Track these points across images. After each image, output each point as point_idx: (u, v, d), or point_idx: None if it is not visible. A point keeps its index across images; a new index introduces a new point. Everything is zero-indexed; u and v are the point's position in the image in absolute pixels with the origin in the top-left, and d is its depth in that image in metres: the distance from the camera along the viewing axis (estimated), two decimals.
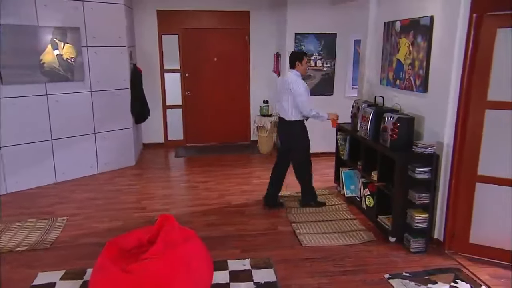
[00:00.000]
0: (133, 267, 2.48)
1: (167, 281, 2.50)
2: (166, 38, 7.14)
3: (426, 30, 3.57)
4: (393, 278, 3.10)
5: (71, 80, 5.34)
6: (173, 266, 2.55)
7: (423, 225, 3.48)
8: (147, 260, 2.51)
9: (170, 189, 5.39)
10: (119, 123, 5.98)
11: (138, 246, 2.83)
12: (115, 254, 2.70)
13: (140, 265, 2.48)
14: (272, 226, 4.14)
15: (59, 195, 5.00)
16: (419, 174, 3.38)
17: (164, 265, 2.52)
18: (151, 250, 2.57)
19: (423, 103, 3.73)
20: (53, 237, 3.79)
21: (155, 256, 2.53)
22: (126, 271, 2.45)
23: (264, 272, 3.19)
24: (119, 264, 2.55)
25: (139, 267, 2.47)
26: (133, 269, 2.46)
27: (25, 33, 4.84)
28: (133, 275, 2.43)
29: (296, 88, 4.22)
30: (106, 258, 2.62)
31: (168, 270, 2.51)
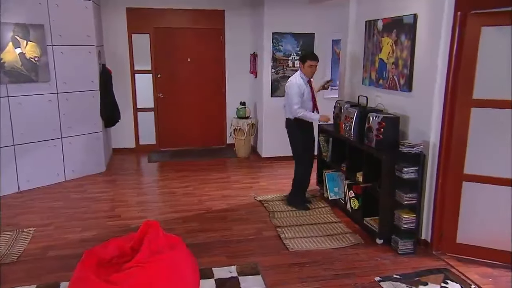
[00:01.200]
0: (117, 276, 2.40)
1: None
2: (136, 37, 7.02)
3: (410, 29, 3.67)
4: (384, 280, 3.15)
5: (35, 81, 5.15)
6: (159, 274, 2.48)
7: (411, 226, 3.55)
8: (131, 269, 2.44)
9: (145, 195, 5.27)
10: (88, 127, 5.81)
11: (119, 255, 2.73)
12: (95, 264, 2.60)
13: (124, 274, 2.40)
14: (257, 232, 4.12)
15: (23, 205, 4.79)
16: (406, 174, 3.45)
17: (150, 274, 2.45)
18: (136, 258, 2.50)
19: (407, 103, 3.82)
20: (20, 249, 3.62)
21: (140, 264, 2.46)
22: (110, 282, 2.36)
23: (252, 279, 3.16)
24: (100, 275, 2.45)
25: (124, 276, 2.39)
26: (117, 279, 2.38)
27: None
28: (118, 286, 2.35)
29: (288, 89, 4.56)
30: (86, 269, 2.52)
31: (154, 279, 2.44)
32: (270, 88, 6.59)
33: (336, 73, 6.78)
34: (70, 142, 5.63)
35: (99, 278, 2.40)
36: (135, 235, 2.75)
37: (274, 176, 5.98)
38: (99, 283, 2.37)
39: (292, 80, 4.51)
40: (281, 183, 5.60)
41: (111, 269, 2.59)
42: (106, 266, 2.64)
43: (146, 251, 2.56)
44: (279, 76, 6.58)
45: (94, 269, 2.56)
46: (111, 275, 2.44)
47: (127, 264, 2.50)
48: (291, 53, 6.55)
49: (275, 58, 6.51)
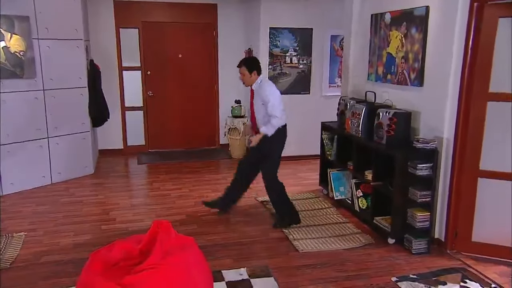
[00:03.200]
0: (130, 279, 2.34)
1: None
2: (124, 32, 6.94)
3: (421, 21, 3.72)
4: (401, 281, 3.17)
5: (20, 77, 5.04)
6: (173, 277, 2.44)
7: (425, 225, 3.59)
8: (144, 271, 2.38)
9: (138, 198, 5.21)
10: (76, 126, 5.71)
11: (126, 258, 2.67)
12: (101, 268, 2.54)
13: (137, 277, 2.35)
14: (262, 233, 4.10)
15: (8, 209, 4.67)
16: (420, 170, 3.48)
17: (164, 276, 2.40)
18: (148, 260, 2.44)
19: (418, 97, 3.86)
20: (12, 255, 3.52)
21: (154, 266, 2.41)
22: (122, 285, 2.31)
23: (264, 281, 3.15)
24: (109, 278, 2.39)
25: (137, 279, 2.34)
26: (130, 281, 2.33)
27: None
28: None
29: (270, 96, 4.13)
30: (93, 273, 2.46)
31: (168, 281, 2.40)
32: None
33: (334, 70, 6.85)
34: (57, 142, 5.52)
35: (110, 282, 2.35)
36: (145, 236, 2.69)
37: None
38: (112, 286, 2.31)
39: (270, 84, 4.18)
40: None
41: (119, 272, 2.52)
42: (113, 269, 2.58)
43: (159, 253, 2.51)
44: (276, 73, 6.59)
45: (101, 273, 2.50)
46: (122, 278, 2.38)
47: (139, 267, 2.44)
48: (289, 49, 6.58)
49: (272, 54, 6.52)
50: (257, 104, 4.20)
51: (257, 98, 4.17)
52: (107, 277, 2.43)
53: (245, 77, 4.16)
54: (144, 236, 2.74)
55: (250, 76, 4.14)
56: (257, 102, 4.19)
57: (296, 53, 6.63)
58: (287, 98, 6.58)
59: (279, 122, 4.04)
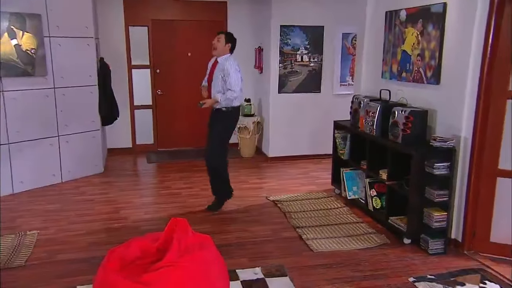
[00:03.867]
0: (148, 277, 2.36)
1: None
2: (133, 30, 6.97)
3: (438, 18, 3.70)
4: (419, 281, 3.16)
5: (31, 74, 5.07)
6: (191, 274, 2.45)
7: (442, 225, 3.57)
8: (163, 268, 2.40)
9: (149, 197, 5.23)
10: (85, 124, 5.74)
11: (143, 256, 2.68)
12: (118, 266, 2.55)
13: (156, 275, 2.36)
14: (275, 233, 4.10)
15: (19, 207, 4.71)
16: (437, 170, 3.47)
17: (182, 274, 2.42)
18: (166, 257, 2.45)
19: (435, 96, 3.84)
20: (26, 253, 3.54)
21: (172, 264, 2.42)
22: (141, 283, 2.32)
23: (279, 281, 3.15)
24: (127, 276, 2.40)
25: (156, 276, 2.35)
26: (149, 279, 2.34)
27: None
28: (150, 286, 2.31)
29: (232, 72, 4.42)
30: (111, 271, 2.47)
31: (187, 279, 2.41)
32: (278, 84, 6.58)
33: (346, 68, 6.83)
34: (67, 140, 5.55)
35: (128, 279, 2.36)
36: (162, 234, 2.70)
37: (283, 176, 5.97)
38: (130, 284, 2.32)
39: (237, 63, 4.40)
40: (293, 183, 5.61)
41: (136, 270, 2.54)
42: (130, 267, 2.59)
43: (176, 251, 2.52)
44: (287, 71, 6.58)
45: (118, 270, 2.51)
46: (140, 276, 2.39)
47: (157, 264, 2.45)
48: (300, 47, 6.56)
49: (283, 52, 6.51)
50: (217, 75, 4.35)
51: (219, 72, 4.34)
52: (125, 275, 2.44)
53: (219, 43, 4.35)
54: (161, 234, 2.75)
55: (223, 45, 4.36)
56: (217, 75, 4.34)
57: (307, 51, 6.62)
58: (298, 97, 6.66)
59: (233, 96, 4.28)
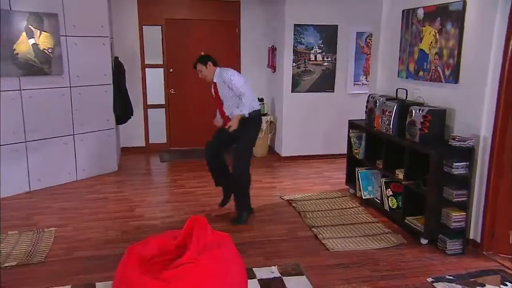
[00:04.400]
0: (168, 274, 2.37)
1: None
2: (147, 29, 7.02)
3: (458, 16, 3.67)
4: (438, 281, 3.13)
5: (48, 73, 5.12)
6: (211, 272, 2.47)
7: (460, 225, 3.54)
8: (183, 265, 2.41)
9: (164, 195, 5.26)
10: (100, 123, 5.79)
11: (161, 253, 2.70)
12: (137, 263, 2.57)
13: (176, 272, 2.38)
14: (290, 232, 4.10)
15: (36, 205, 4.76)
16: (456, 169, 3.44)
17: (201, 271, 2.43)
18: (186, 255, 2.47)
19: (453, 95, 3.81)
20: (45, 250, 3.59)
21: (192, 261, 2.43)
22: (162, 279, 2.34)
23: (296, 280, 3.15)
24: (147, 273, 2.42)
25: (176, 273, 2.37)
26: (169, 276, 2.36)
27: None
28: (171, 283, 2.32)
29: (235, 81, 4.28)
30: (131, 268, 2.49)
31: (207, 276, 2.43)
32: (291, 83, 6.58)
33: (359, 67, 6.81)
34: (81, 139, 5.60)
35: (148, 276, 2.38)
36: (181, 232, 2.72)
37: (297, 176, 5.96)
38: (151, 281, 2.34)
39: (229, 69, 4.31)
40: (306, 183, 5.61)
41: (155, 267, 2.56)
42: (149, 264, 2.61)
43: (196, 248, 2.53)
44: (301, 71, 6.58)
45: (138, 267, 2.53)
46: (161, 273, 2.41)
47: (177, 261, 2.47)
48: (313, 46, 6.56)
49: (297, 52, 6.51)
50: (223, 92, 4.24)
51: (222, 87, 4.23)
52: (144, 272, 2.46)
53: (203, 72, 4.27)
54: (180, 232, 2.77)
55: (206, 68, 4.24)
56: (223, 91, 4.24)
57: (321, 50, 6.61)
58: (311, 96, 6.65)
59: (249, 100, 4.12)
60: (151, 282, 2.34)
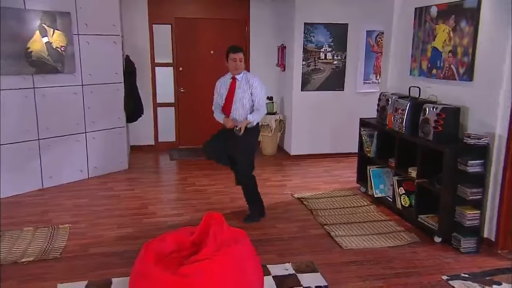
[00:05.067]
0: (186, 269, 2.39)
1: (222, 283, 2.43)
2: (157, 28, 7.03)
3: (473, 14, 3.66)
4: (453, 279, 3.13)
5: (61, 72, 5.15)
6: (228, 268, 2.48)
7: (475, 223, 3.53)
8: (200, 261, 2.42)
9: (175, 193, 5.28)
10: (112, 121, 5.81)
11: (178, 249, 2.72)
12: (154, 259, 2.58)
13: (194, 267, 2.40)
14: (302, 230, 4.11)
15: (49, 202, 4.79)
16: (471, 167, 3.43)
17: (219, 267, 2.45)
18: (203, 251, 2.48)
19: (467, 93, 3.80)
20: (60, 246, 3.61)
21: (208, 257, 2.45)
22: (179, 275, 2.35)
23: (311, 277, 3.16)
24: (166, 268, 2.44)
25: (193, 269, 2.39)
26: (187, 272, 2.37)
27: (10, 17, 4.64)
28: (188, 278, 2.34)
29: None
30: (149, 263, 2.51)
31: (222, 272, 2.44)
32: (301, 82, 6.58)
33: (369, 66, 6.79)
34: (93, 137, 5.63)
35: (167, 271, 2.39)
36: (197, 228, 2.73)
37: (307, 174, 5.96)
38: (169, 276, 2.36)
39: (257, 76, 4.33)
40: (316, 181, 5.61)
41: (172, 263, 2.57)
42: (166, 260, 2.62)
43: (213, 244, 2.54)
44: (310, 69, 6.57)
45: (155, 263, 2.54)
46: (179, 269, 2.43)
47: (194, 257, 2.48)
48: (323, 45, 6.55)
49: (306, 50, 6.50)
50: (241, 94, 4.12)
51: (245, 89, 4.12)
52: (162, 267, 2.48)
53: (242, 63, 4.10)
54: (196, 228, 2.79)
55: (243, 64, 4.14)
56: (242, 93, 4.12)
57: (331, 48, 6.60)
58: (321, 95, 6.64)
59: (264, 113, 4.25)
60: (170, 278, 2.36)
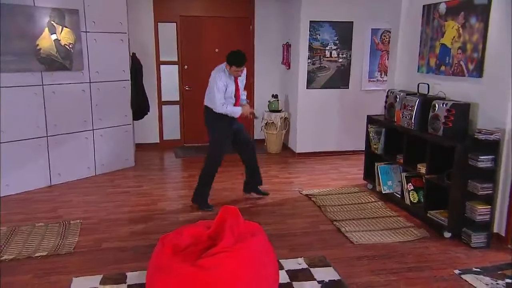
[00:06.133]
0: (206, 262, 2.40)
1: (240, 276, 2.44)
2: (162, 26, 7.04)
3: (483, 11, 3.68)
4: (465, 273, 3.14)
5: (69, 69, 5.16)
6: (245, 261, 2.49)
7: (486, 218, 3.55)
8: (218, 254, 2.43)
9: (184, 189, 5.28)
10: (119, 119, 5.82)
11: (195, 243, 2.72)
12: (171, 252, 2.59)
13: (212, 260, 2.41)
14: (312, 225, 4.12)
15: (58, 198, 4.80)
16: (482, 162, 3.44)
17: (236, 260, 2.46)
18: (221, 244, 2.49)
19: (477, 89, 3.82)
20: (73, 241, 3.62)
21: (226, 250, 2.46)
22: (199, 267, 2.36)
23: (324, 271, 3.17)
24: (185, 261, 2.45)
25: (212, 261, 2.40)
26: (206, 264, 2.38)
27: (19, 14, 4.64)
28: (207, 271, 2.35)
29: (211, 83, 4.47)
30: (167, 256, 2.52)
31: (241, 265, 2.45)
32: (306, 80, 6.59)
33: (374, 64, 6.80)
34: (101, 134, 5.64)
35: (185, 263, 2.40)
36: (214, 222, 2.74)
37: (313, 171, 5.98)
38: (189, 267, 2.37)
39: (215, 74, 4.42)
40: (323, 178, 5.63)
41: (190, 256, 2.58)
42: (183, 253, 2.63)
43: (230, 237, 2.55)
44: (316, 67, 6.58)
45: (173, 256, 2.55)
46: (197, 261, 2.44)
47: (213, 250, 2.49)
48: (329, 43, 6.56)
49: (312, 48, 6.51)
50: (242, 84, 4.67)
51: (241, 79, 4.64)
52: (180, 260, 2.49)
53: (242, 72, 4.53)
54: (212, 222, 2.80)
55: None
56: (242, 82, 4.67)
57: (336, 46, 6.61)
58: (326, 93, 6.66)
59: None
60: (189, 269, 2.37)
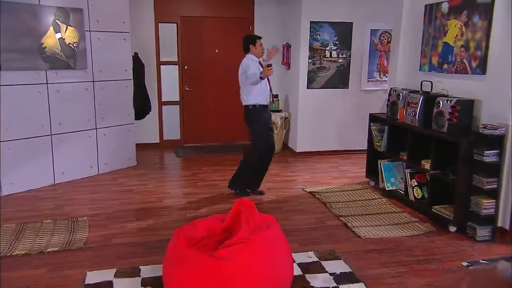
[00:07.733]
0: (223, 252, 2.42)
1: (257, 267, 2.48)
2: (163, 26, 7.06)
3: (486, 9, 3.75)
4: (473, 265, 3.20)
5: (73, 68, 5.16)
6: (262, 252, 2.53)
7: (490, 212, 3.61)
8: (235, 245, 2.46)
9: (188, 187, 5.29)
10: (121, 118, 5.82)
11: (209, 236, 2.75)
12: (187, 245, 2.62)
13: (229, 251, 2.43)
14: (319, 221, 4.16)
15: (62, 197, 4.79)
16: (487, 157, 3.51)
17: (253, 251, 2.49)
18: (238, 235, 2.52)
19: (480, 86, 3.89)
20: (82, 237, 3.62)
21: (244, 241, 2.48)
22: (216, 257, 2.39)
23: (335, 264, 3.20)
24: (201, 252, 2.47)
25: (229, 252, 2.42)
26: (224, 254, 2.41)
27: (25, 12, 4.64)
28: (225, 261, 2.38)
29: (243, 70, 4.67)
30: (182, 248, 2.54)
31: (258, 255, 2.49)
32: (307, 80, 6.64)
33: (373, 64, 6.88)
34: (104, 133, 5.63)
35: (204, 254, 2.42)
36: (228, 215, 2.77)
37: (314, 170, 6.02)
38: (207, 258, 2.39)
39: (247, 62, 4.66)
40: (325, 176, 5.67)
41: (205, 248, 2.60)
42: (198, 246, 2.65)
43: (246, 229, 2.58)
44: (316, 67, 6.64)
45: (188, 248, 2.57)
46: (215, 252, 2.46)
47: (230, 241, 2.51)
48: (329, 43, 6.62)
49: (312, 48, 6.57)
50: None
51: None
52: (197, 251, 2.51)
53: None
54: (226, 216, 2.82)
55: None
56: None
57: (336, 47, 6.67)
58: (326, 92, 6.71)
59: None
60: (207, 260, 2.39)
